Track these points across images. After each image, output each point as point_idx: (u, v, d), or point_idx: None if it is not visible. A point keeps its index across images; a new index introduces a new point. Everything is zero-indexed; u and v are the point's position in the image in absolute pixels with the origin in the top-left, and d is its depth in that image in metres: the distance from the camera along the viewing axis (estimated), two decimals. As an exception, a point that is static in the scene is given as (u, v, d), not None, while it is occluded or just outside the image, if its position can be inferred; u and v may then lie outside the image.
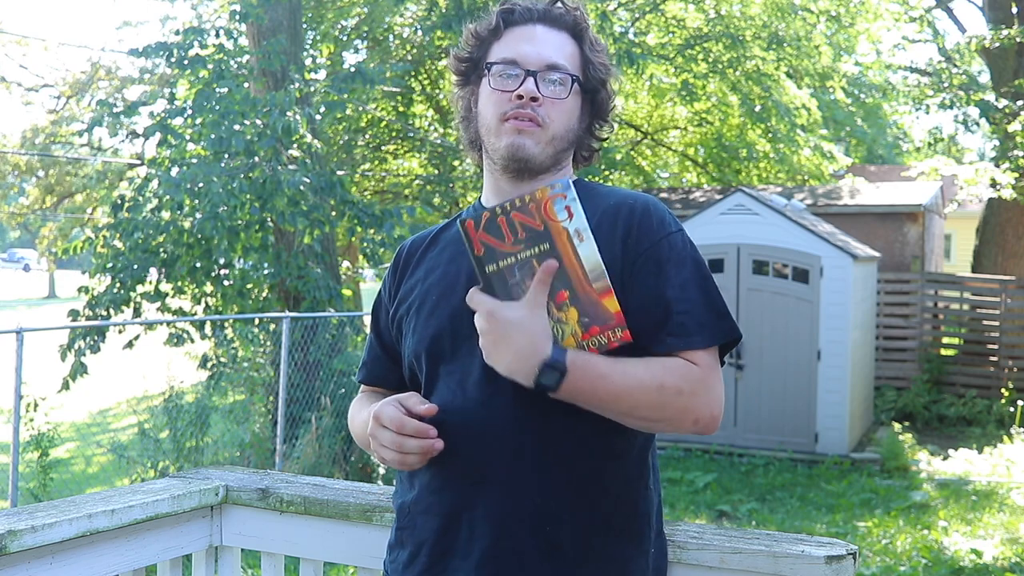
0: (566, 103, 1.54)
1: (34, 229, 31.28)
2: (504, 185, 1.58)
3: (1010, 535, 6.64)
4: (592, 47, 1.58)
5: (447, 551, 1.46)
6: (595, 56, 1.58)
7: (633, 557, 1.48)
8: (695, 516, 7.37)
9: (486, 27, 1.59)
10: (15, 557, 1.61)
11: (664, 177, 19.19)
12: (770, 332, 9.22)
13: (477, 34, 1.60)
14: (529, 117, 1.51)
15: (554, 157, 1.55)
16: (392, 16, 14.19)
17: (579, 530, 1.43)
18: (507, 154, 1.53)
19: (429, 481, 1.49)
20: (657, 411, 1.41)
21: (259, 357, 8.32)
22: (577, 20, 1.58)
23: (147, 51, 9.11)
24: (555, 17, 1.57)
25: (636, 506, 1.50)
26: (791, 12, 15.09)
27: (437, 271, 1.58)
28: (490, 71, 1.55)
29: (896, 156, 26.25)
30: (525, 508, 1.42)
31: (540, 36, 1.55)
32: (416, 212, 10.16)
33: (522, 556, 1.42)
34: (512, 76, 1.53)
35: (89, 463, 10.04)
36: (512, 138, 1.52)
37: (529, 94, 1.51)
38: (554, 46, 1.55)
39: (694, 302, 1.45)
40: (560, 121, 1.54)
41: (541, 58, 1.53)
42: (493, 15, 1.59)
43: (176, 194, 7.97)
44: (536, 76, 1.52)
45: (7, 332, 5.63)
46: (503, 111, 1.53)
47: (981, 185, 11.58)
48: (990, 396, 11.33)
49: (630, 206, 1.51)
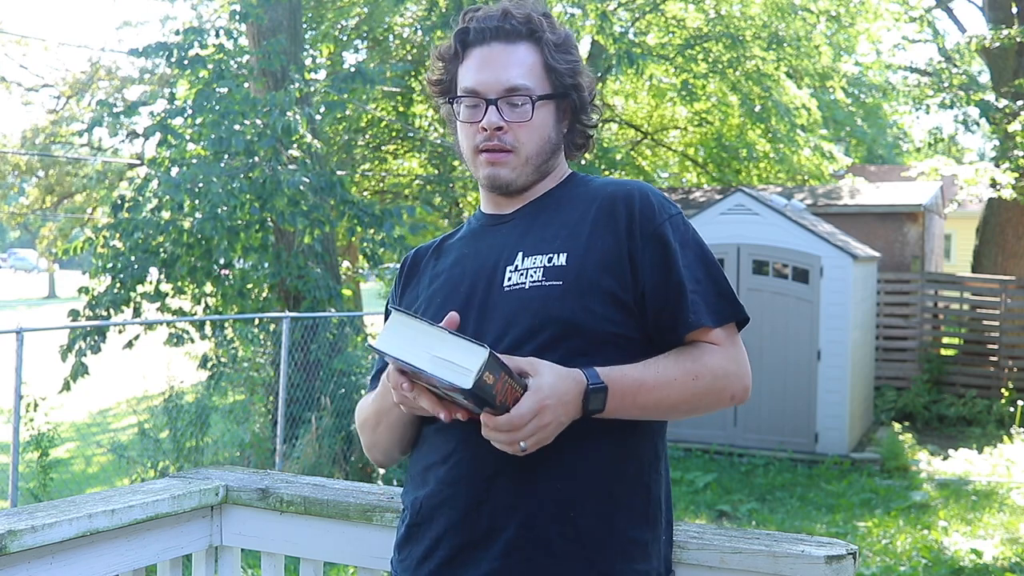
0: (533, 123, 1.54)
1: (34, 229, 31.27)
2: (498, 199, 1.62)
3: (1010, 535, 6.63)
4: (554, 50, 1.56)
5: (468, 544, 1.46)
6: (560, 58, 1.56)
7: (650, 541, 1.50)
8: (695, 516, 7.37)
9: (446, 52, 1.59)
10: (15, 557, 1.61)
11: (664, 177, 19.19)
12: (770, 332, 9.22)
13: (442, 57, 1.60)
14: (498, 148, 1.53)
15: (536, 172, 1.58)
16: (392, 16, 14.20)
17: (601, 513, 1.45)
18: (486, 183, 1.58)
19: (444, 475, 1.49)
20: (697, 401, 1.47)
21: (259, 357, 8.32)
22: (532, 26, 1.55)
23: (147, 51, 9.10)
24: (509, 31, 1.55)
25: (649, 490, 1.52)
26: (791, 12, 15.08)
27: (441, 277, 1.60)
28: (457, 103, 1.57)
29: (896, 156, 26.24)
30: (547, 494, 1.43)
31: (496, 57, 1.54)
32: (416, 212, 10.16)
33: (548, 543, 1.43)
34: (475, 108, 1.54)
35: (89, 463, 10.04)
36: (487, 170, 1.56)
37: (492, 126, 1.52)
38: (513, 64, 1.53)
39: (703, 282, 1.49)
40: (530, 140, 1.55)
41: (499, 83, 1.52)
42: (451, 38, 1.59)
43: (176, 194, 7.97)
44: (496, 104, 1.52)
45: (7, 332, 5.63)
46: (475, 144, 1.55)
47: (981, 185, 11.58)
48: (990, 396, 11.33)
49: (627, 192, 1.53)
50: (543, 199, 1.60)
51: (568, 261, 1.47)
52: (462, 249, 1.62)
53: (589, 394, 1.38)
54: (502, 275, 1.51)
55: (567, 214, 1.55)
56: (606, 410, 1.41)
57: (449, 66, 1.59)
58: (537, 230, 1.54)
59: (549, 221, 1.55)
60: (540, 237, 1.52)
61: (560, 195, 1.59)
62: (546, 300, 1.45)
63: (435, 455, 1.52)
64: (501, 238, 1.57)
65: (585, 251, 1.48)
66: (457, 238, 1.67)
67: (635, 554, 1.47)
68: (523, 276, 1.49)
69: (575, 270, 1.46)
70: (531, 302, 1.46)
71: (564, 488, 1.43)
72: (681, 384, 1.44)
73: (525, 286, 1.48)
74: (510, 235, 1.56)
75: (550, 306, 1.45)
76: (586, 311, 1.45)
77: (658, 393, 1.43)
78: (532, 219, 1.57)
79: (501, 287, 1.50)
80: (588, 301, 1.45)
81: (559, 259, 1.48)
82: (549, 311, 1.45)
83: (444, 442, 1.51)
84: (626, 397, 1.41)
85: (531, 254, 1.51)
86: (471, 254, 1.59)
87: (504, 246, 1.55)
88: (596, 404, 1.39)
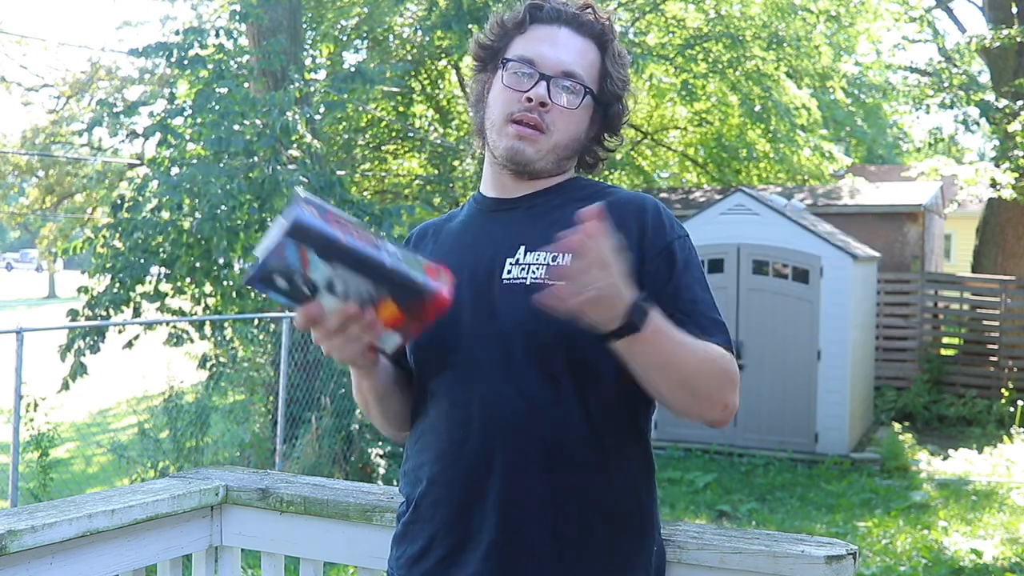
0: (575, 113, 1.53)
1: (34, 229, 31.27)
2: (505, 180, 1.58)
3: (1010, 535, 6.63)
4: (614, 59, 1.56)
5: (459, 542, 1.46)
6: (615, 69, 1.56)
7: (636, 552, 1.49)
8: (695, 516, 7.37)
9: (512, 19, 1.57)
10: (15, 557, 1.61)
11: (664, 177, 19.18)
12: (770, 332, 9.22)
13: (503, 23, 1.58)
14: (534, 123, 1.50)
15: (556, 164, 1.55)
16: (392, 16, 14.18)
17: (584, 522, 1.43)
18: (506, 155, 1.53)
19: (438, 474, 1.49)
20: (706, 383, 1.40)
21: (259, 357, 8.32)
22: (604, 29, 1.56)
23: (147, 51, 9.10)
24: (582, 23, 1.54)
25: (640, 501, 1.50)
26: (791, 12, 15.08)
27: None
28: (506, 67, 1.54)
29: (896, 156, 26.23)
30: (532, 499, 1.43)
31: (563, 40, 1.53)
32: (416, 212, 10.16)
33: (530, 547, 1.42)
34: (526, 76, 1.52)
35: (89, 463, 10.04)
36: (512, 142, 1.52)
37: (539, 99, 1.50)
38: (575, 52, 1.53)
39: (701, 304, 1.48)
40: (565, 130, 1.53)
41: (559, 63, 1.51)
42: (522, 8, 1.57)
43: (175, 195, 7.97)
44: (550, 81, 1.50)
45: (7, 332, 5.63)
46: (511, 111, 1.52)
47: (981, 185, 11.59)
48: (990, 396, 11.33)
49: (640, 203, 1.52)
50: (549, 193, 1.57)
51: None
52: (462, 237, 1.59)
53: (639, 303, 1.31)
54: (502, 267, 1.49)
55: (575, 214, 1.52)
56: (640, 335, 1.32)
57: (509, 34, 1.57)
58: (543, 227, 1.51)
59: (556, 220, 1.50)
60: (546, 234, 1.48)
61: (569, 194, 1.57)
62: None
63: (428, 453, 1.51)
64: (503, 227, 1.54)
65: None
66: (458, 221, 1.64)
67: (614, 564, 1.46)
68: (524, 271, 1.47)
69: None
70: (531, 299, 1.44)
71: (551, 493, 1.42)
72: (702, 358, 1.40)
73: (526, 282, 1.45)
74: (513, 225, 1.54)
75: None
76: None
77: (684, 352, 1.37)
78: (538, 211, 1.55)
79: (500, 279, 1.48)
80: None
81: (565, 259, 1.43)
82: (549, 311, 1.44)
83: (436, 441, 1.50)
84: (659, 334, 1.34)
85: (534, 249, 1.48)
86: (471, 243, 1.56)
87: (506, 236, 1.52)
88: (639, 317, 1.31)
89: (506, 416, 1.44)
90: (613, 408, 1.47)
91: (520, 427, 1.43)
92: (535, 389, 1.42)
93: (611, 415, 1.45)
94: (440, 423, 1.49)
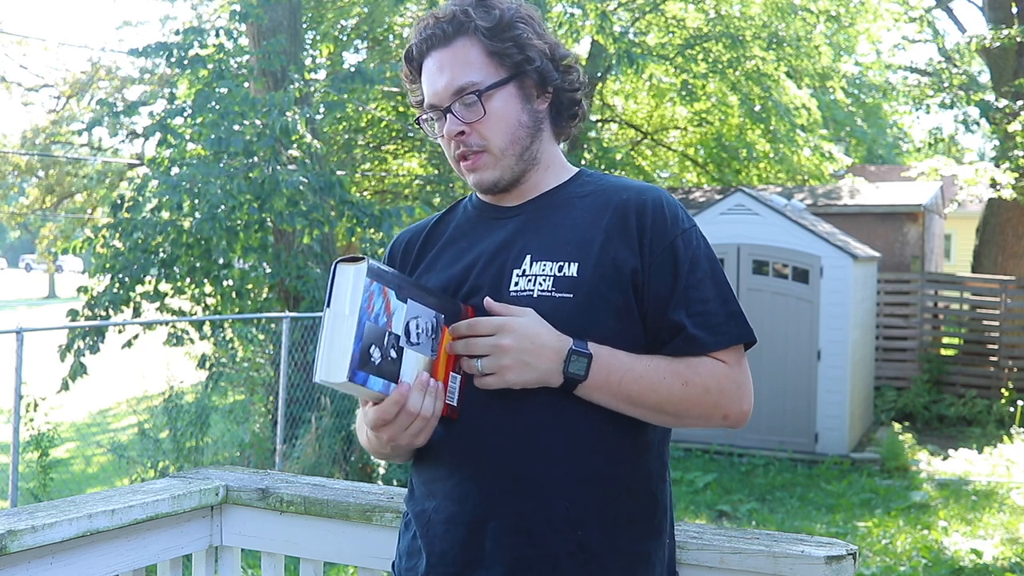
0: (490, 115, 1.48)
1: (34, 229, 31.26)
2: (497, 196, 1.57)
3: (1010, 535, 6.63)
4: (489, 33, 1.48)
5: (471, 561, 1.43)
6: (498, 39, 1.48)
7: (655, 550, 1.48)
8: (695, 516, 7.37)
9: (408, 77, 1.59)
10: (15, 557, 1.61)
11: (664, 177, 19.18)
12: (770, 332, 9.22)
13: (408, 79, 1.59)
14: (468, 154, 1.50)
15: (520, 161, 1.52)
16: (392, 16, 14.19)
17: (608, 530, 1.42)
18: (476, 189, 1.57)
19: (451, 490, 1.46)
20: (684, 407, 1.43)
21: (259, 357, 8.32)
22: (458, 20, 1.49)
23: (147, 51, 9.10)
24: (441, 35, 1.50)
25: (657, 501, 1.50)
26: (791, 12, 15.08)
27: (436, 272, 1.56)
28: (421, 123, 1.57)
29: (896, 156, 26.23)
30: (555, 513, 1.41)
31: (439, 65, 1.50)
32: (416, 212, 10.15)
33: (555, 561, 1.40)
34: (435, 121, 1.53)
35: (89, 463, 10.04)
36: (471, 176, 1.53)
37: (451, 134, 1.49)
38: (453, 66, 1.49)
39: (712, 302, 1.45)
40: (497, 134, 1.49)
41: (445, 89, 1.49)
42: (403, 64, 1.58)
43: (174, 195, 7.97)
44: (451, 110, 1.49)
45: (7, 332, 5.63)
46: (451, 155, 1.54)
47: (981, 185, 11.58)
48: (990, 396, 11.33)
49: (641, 203, 1.48)
50: (551, 196, 1.54)
51: (579, 273, 1.43)
52: (460, 242, 1.57)
53: (571, 354, 1.37)
54: (509, 278, 1.47)
55: (578, 217, 1.49)
56: (589, 384, 1.38)
57: (417, 87, 1.57)
58: (546, 232, 1.49)
59: (559, 223, 1.49)
60: (550, 241, 1.47)
61: (571, 194, 1.54)
62: (555, 312, 1.41)
63: (441, 468, 1.48)
64: (505, 235, 1.51)
65: (597, 263, 1.43)
66: (453, 226, 1.61)
67: (638, 567, 1.45)
68: (531, 283, 1.45)
69: (586, 283, 1.42)
70: (539, 312, 1.42)
71: (573, 505, 1.41)
72: (669, 385, 1.41)
73: (533, 294, 1.43)
74: (516, 233, 1.51)
75: (559, 319, 1.41)
76: (595, 325, 1.42)
77: (644, 384, 1.39)
78: (541, 218, 1.51)
79: (508, 292, 1.45)
80: (598, 315, 1.42)
81: (570, 269, 1.44)
82: (557, 324, 1.41)
83: (450, 455, 1.47)
84: (612, 374, 1.38)
85: (540, 259, 1.46)
86: (469, 248, 1.54)
87: (510, 245, 1.49)
88: (577, 368, 1.37)
89: (521, 429, 1.42)
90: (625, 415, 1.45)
91: (536, 440, 1.42)
92: (547, 402, 1.41)
93: (624, 422, 1.44)
94: (452, 438, 1.46)
